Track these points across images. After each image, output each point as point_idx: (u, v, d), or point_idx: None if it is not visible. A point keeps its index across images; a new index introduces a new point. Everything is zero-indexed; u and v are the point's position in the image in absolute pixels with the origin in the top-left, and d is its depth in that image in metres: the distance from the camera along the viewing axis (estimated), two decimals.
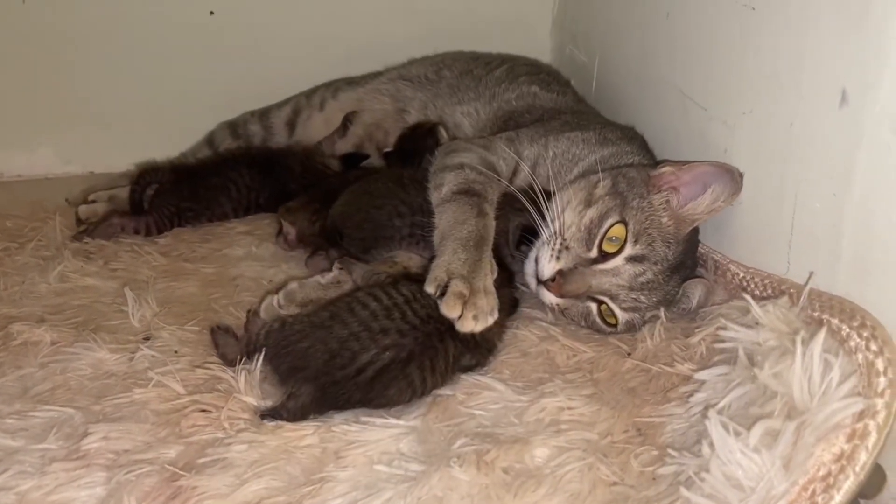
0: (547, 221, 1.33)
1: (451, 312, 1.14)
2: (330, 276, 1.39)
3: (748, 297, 1.14)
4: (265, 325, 1.20)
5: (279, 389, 1.13)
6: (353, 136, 1.99)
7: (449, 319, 1.15)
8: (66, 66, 2.04)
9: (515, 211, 1.39)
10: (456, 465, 0.97)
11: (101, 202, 1.78)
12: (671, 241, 1.28)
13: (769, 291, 1.20)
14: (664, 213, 1.29)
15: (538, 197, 1.34)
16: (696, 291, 1.31)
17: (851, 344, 0.97)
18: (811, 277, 1.12)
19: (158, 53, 2.08)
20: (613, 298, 1.27)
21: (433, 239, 1.32)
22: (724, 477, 0.90)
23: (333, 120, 2.01)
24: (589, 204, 1.30)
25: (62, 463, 0.99)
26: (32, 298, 1.43)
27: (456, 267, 1.20)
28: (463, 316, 1.14)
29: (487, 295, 1.18)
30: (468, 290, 1.16)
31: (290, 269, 1.56)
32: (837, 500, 0.85)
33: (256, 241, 1.69)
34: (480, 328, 1.15)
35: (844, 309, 1.02)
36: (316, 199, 1.61)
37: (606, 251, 1.27)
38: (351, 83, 2.07)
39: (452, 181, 1.39)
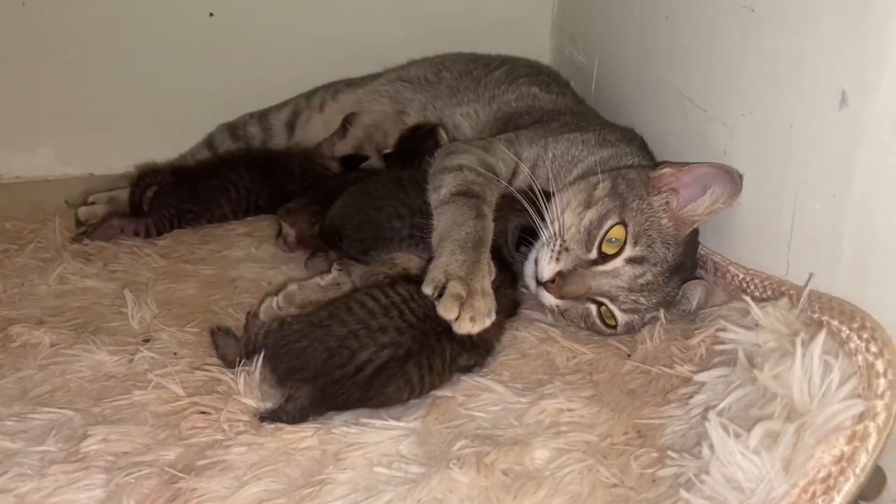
0: (546, 223, 1.33)
1: (448, 314, 1.14)
2: (329, 277, 1.38)
3: (748, 298, 1.14)
4: (264, 325, 1.20)
5: (278, 391, 1.13)
6: (352, 137, 1.99)
7: (446, 321, 1.15)
8: (66, 66, 2.04)
9: (515, 212, 1.39)
10: (456, 467, 0.97)
11: (100, 204, 1.78)
12: (671, 242, 1.28)
13: (769, 293, 1.20)
14: (664, 214, 1.29)
15: (538, 198, 1.33)
16: (695, 293, 1.31)
17: (851, 346, 0.97)
18: (811, 279, 1.12)
19: (158, 55, 2.08)
20: (613, 300, 1.27)
21: (432, 240, 1.32)
22: (724, 479, 0.89)
23: (333, 121, 2.01)
24: (588, 205, 1.30)
25: (61, 465, 0.99)
26: (32, 300, 1.43)
27: (454, 268, 1.20)
28: (460, 317, 1.14)
29: (485, 297, 1.18)
30: (466, 291, 1.16)
31: (289, 270, 1.56)
32: (837, 501, 0.85)
33: (256, 242, 1.69)
34: (477, 330, 1.15)
35: (844, 310, 1.02)
36: (315, 200, 1.61)
37: (606, 253, 1.27)
38: (350, 85, 2.07)
39: (451, 183, 1.39)
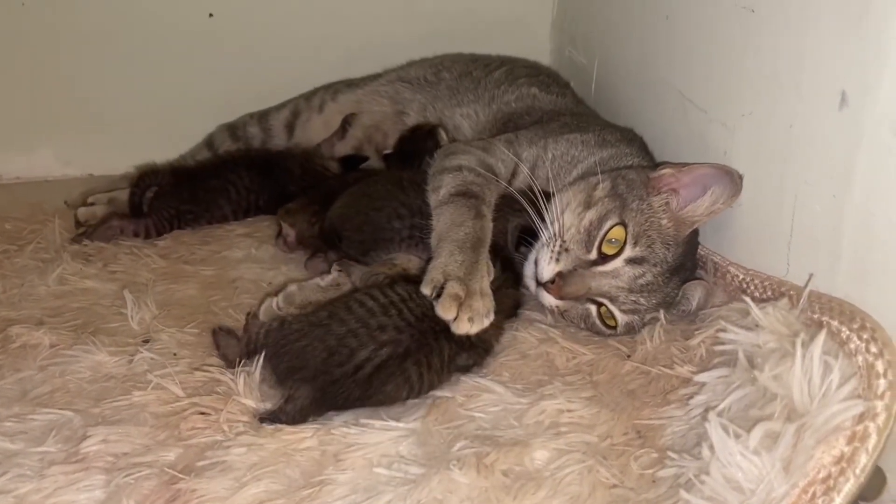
0: (546, 223, 1.33)
1: (446, 314, 1.14)
2: (329, 278, 1.38)
3: (748, 299, 1.14)
4: (264, 325, 1.21)
5: (278, 391, 1.13)
6: (352, 138, 1.99)
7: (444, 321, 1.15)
8: (66, 66, 2.04)
9: (515, 212, 1.38)
10: (455, 467, 0.97)
11: (100, 204, 1.78)
12: (671, 243, 1.28)
13: (769, 293, 1.20)
14: (664, 214, 1.29)
15: (537, 199, 1.33)
16: (695, 293, 1.31)
17: (851, 346, 0.97)
18: (811, 279, 1.12)
19: (158, 55, 2.08)
20: (613, 300, 1.27)
21: (431, 241, 1.32)
22: (724, 479, 0.89)
23: (332, 122, 2.01)
24: (588, 206, 1.30)
25: (61, 466, 0.99)
26: (31, 301, 1.43)
27: (452, 269, 1.20)
28: (458, 318, 1.14)
29: (483, 297, 1.18)
30: (464, 291, 1.16)
31: (289, 271, 1.56)
32: (837, 502, 0.85)
33: (256, 243, 1.69)
34: (476, 330, 1.15)
35: (844, 311, 1.02)
36: (315, 201, 1.61)
37: (606, 253, 1.27)
38: (350, 85, 2.07)
39: (450, 183, 1.39)
